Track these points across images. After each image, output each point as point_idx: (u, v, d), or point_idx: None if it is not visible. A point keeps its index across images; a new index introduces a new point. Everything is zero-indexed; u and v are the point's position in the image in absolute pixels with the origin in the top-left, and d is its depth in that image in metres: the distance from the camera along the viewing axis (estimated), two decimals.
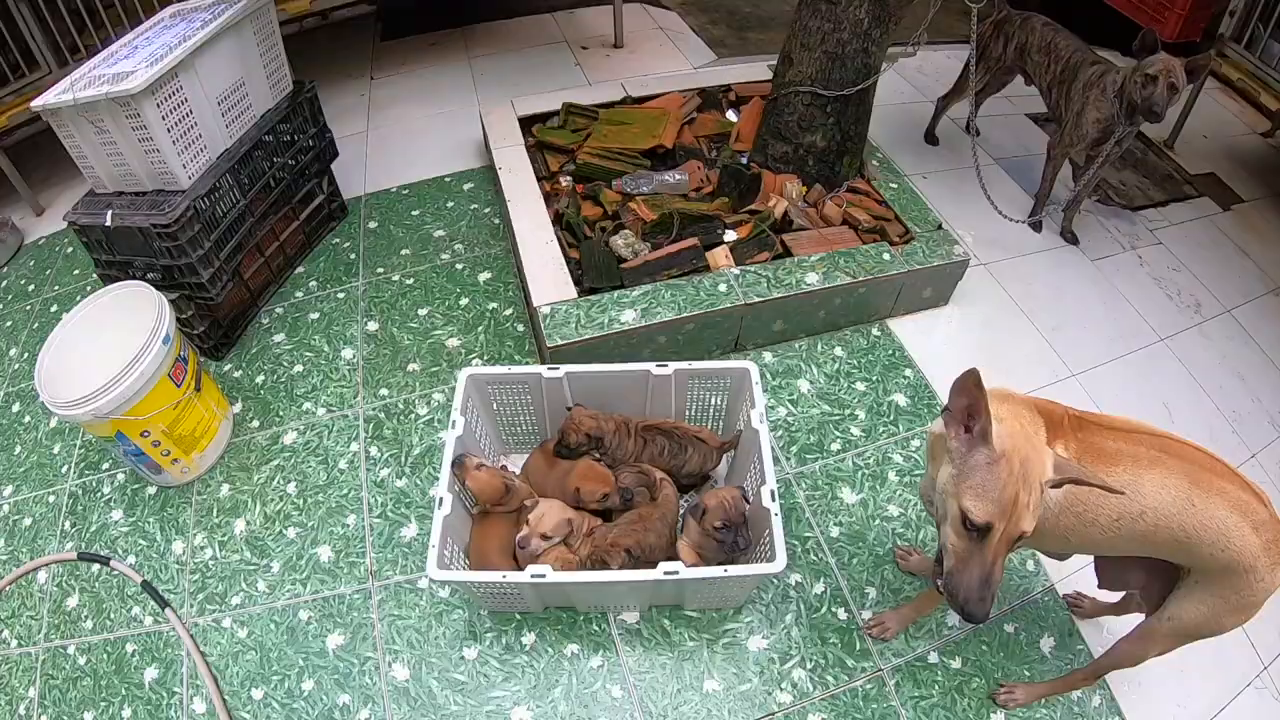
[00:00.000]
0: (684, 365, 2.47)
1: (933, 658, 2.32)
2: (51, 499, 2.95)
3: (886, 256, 3.05)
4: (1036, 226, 3.66)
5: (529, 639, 2.41)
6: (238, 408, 3.07)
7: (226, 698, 2.39)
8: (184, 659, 2.46)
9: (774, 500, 2.15)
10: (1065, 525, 1.56)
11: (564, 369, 2.47)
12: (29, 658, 2.57)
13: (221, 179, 2.98)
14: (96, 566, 2.72)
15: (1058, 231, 3.68)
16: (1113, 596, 2.20)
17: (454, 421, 2.36)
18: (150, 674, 2.46)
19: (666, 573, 2.05)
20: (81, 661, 2.53)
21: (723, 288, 2.97)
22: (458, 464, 2.30)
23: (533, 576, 2.06)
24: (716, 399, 2.63)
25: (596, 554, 2.25)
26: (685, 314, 2.87)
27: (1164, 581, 1.71)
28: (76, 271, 3.86)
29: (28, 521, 2.90)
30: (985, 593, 1.38)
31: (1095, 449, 1.48)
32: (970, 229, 3.62)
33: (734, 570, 2.05)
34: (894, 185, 3.41)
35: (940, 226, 3.14)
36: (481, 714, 2.29)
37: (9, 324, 3.72)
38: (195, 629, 2.53)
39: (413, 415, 2.98)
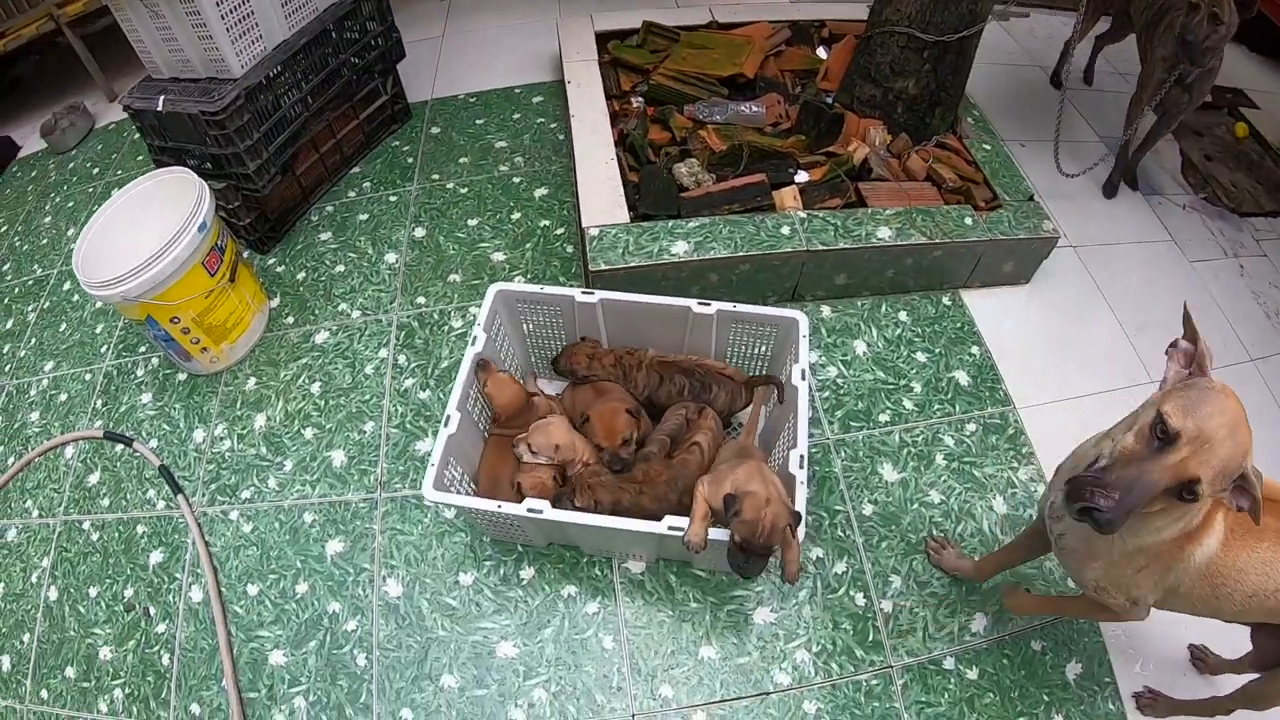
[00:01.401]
0: (727, 306, 2.17)
1: (949, 663, 2.06)
2: (88, 377, 2.90)
3: (968, 221, 2.65)
4: (1109, 189, 3.23)
5: (527, 573, 2.22)
6: (275, 302, 2.94)
7: (223, 589, 2.30)
8: (189, 546, 2.39)
9: (802, 468, 1.86)
10: (1197, 594, 1.43)
11: (599, 294, 2.20)
12: (46, 528, 2.55)
13: (276, 70, 2.79)
14: (120, 446, 2.66)
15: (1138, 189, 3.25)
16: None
17: (475, 336, 2.13)
18: (155, 557, 2.40)
19: (671, 528, 1.80)
20: (95, 537, 2.49)
21: (785, 230, 2.63)
22: (482, 367, 2.12)
23: (529, 511, 1.84)
24: (761, 347, 2.33)
25: (571, 486, 2.03)
26: (741, 253, 2.56)
27: None
28: (140, 157, 3.78)
29: (63, 397, 2.87)
30: (1126, 500, 1.16)
31: (1244, 518, 1.30)
32: (1063, 207, 3.14)
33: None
34: (987, 147, 2.98)
35: (1032, 198, 2.76)
36: (467, 643, 2.12)
37: (71, 204, 3.69)
38: (203, 518, 2.44)
39: (446, 327, 2.79)
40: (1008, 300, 2.84)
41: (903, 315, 2.80)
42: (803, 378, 2.01)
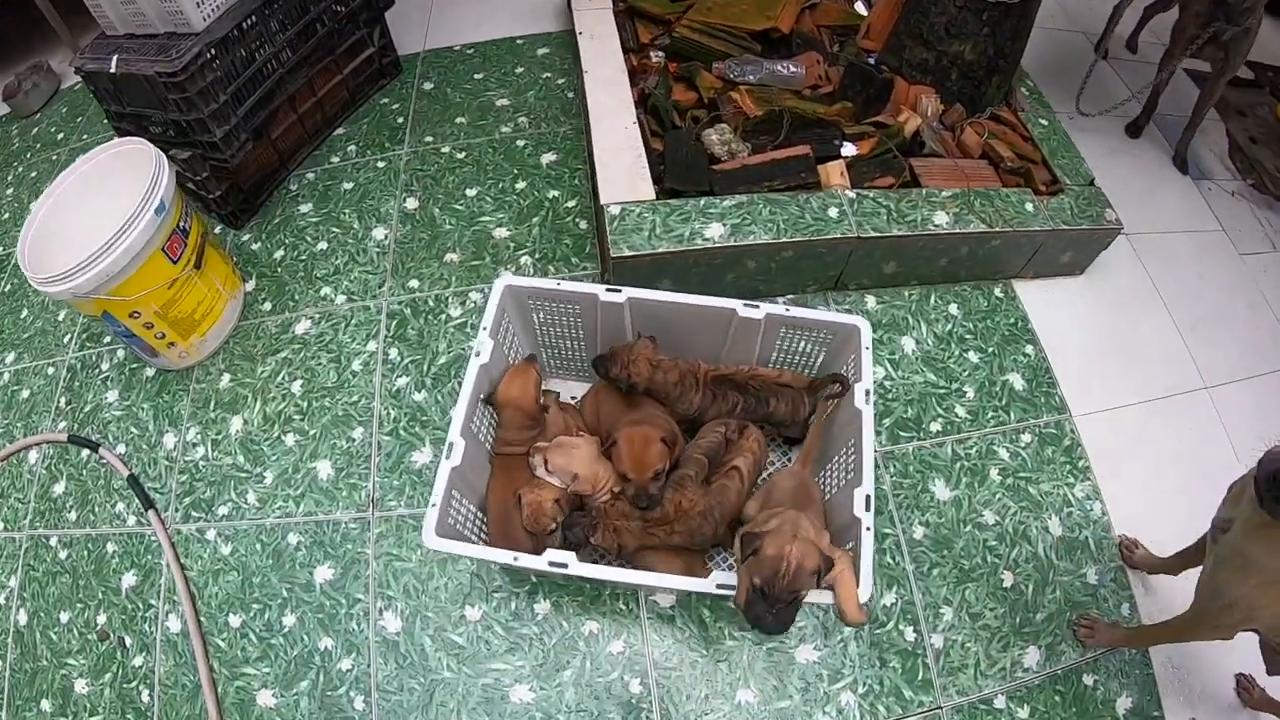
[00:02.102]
0: (778, 309, 1.85)
1: (999, 702, 1.88)
2: (51, 370, 2.55)
3: (1029, 207, 2.37)
4: (1133, 129, 3.05)
5: (543, 607, 1.94)
6: (250, 285, 2.57)
7: (202, 619, 2.02)
8: (163, 569, 2.09)
9: (868, 510, 1.56)
10: None
11: (627, 293, 1.86)
12: (13, 543, 2.25)
13: (245, 22, 2.36)
14: (85, 452, 2.33)
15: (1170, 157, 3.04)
16: None
17: (478, 348, 1.79)
18: (128, 580, 2.11)
19: (720, 586, 1.51)
20: (63, 555, 2.19)
21: (833, 212, 2.28)
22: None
23: (551, 565, 1.55)
24: (808, 347, 2.00)
25: (590, 519, 1.72)
26: (785, 238, 2.21)
27: None
28: (108, 121, 3.31)
29: (25, 394, 2.53)
30: None
31: None
32: (1111, 189, 2.75)
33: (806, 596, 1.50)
34: (1044, 122, 2.67)
35: (1093, 182, 2.48)
36: (476, 686, 1.85)
37: (34, 174, 3.25)
38: (177, 537, 2.14)
39: (443, 315, 2.44)
40: (1062, 293, 2.57)
41: (953, 308, 2.49)
42: (867, 400, 1.70)
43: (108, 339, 2.54)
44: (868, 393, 1.71)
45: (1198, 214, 2.90)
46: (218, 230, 2.72)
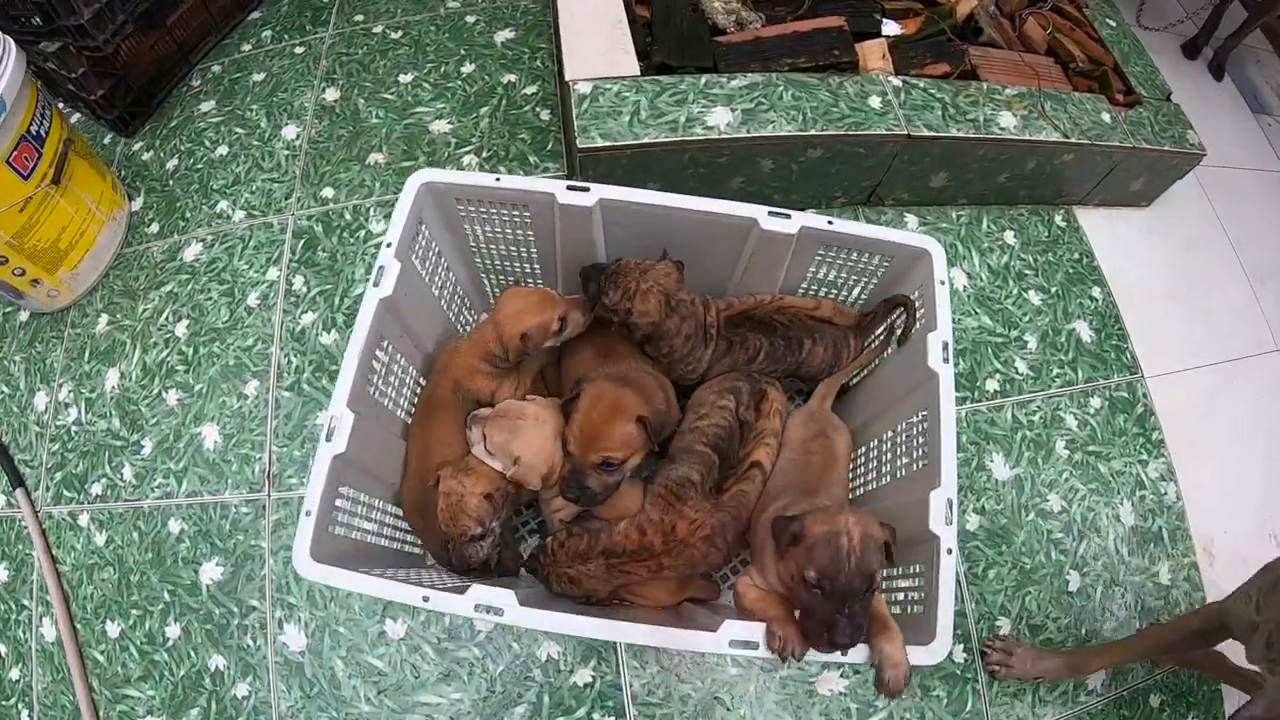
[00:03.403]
0: (818, 221, 1.24)
1: None
2: None
3: (1106, 117, 1.84)
4: (1189, 49, 2.51)
5: (486, 623, 1.43)
6: (137, 204, 1.97)
7: (78, 626, 1.55)
8: (35, 563, 1.60)
9: (950, 520, 1.01)
10: None
11: (598, 192, 1.25)
12: None
13: None
14: None
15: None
16: None
17: (377, 276, 1.21)
18: (0, 574, 1.62)
19: (734, 642, 0.97)
20: None
21: (875, 102, 1.65)
22: None
23: (479, 609, 1.00)
24: (849, 280, 1.40)
25: (545, 557, 1.18)
26: (812, 131, 1.59)
27: None
28: None
29: None
30: None
31: None
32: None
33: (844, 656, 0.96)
34: (1111, 24, 2.12)
35: (1170, 97, 1.97)
36: None
37: None
38: (49, 522, 1.64)
39: (362, 232, 1.84)
40: (1128, 226, 2.08)
41: (1009, 236, 1.92)
42: (945, 357, 1.11)
43: None
44: (945, 347, 1.13)
45: (1261, 152, 2.38)
46: (107, 140, 2.10)
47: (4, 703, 1.53)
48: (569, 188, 1.25)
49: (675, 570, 1.14)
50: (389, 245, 1.24)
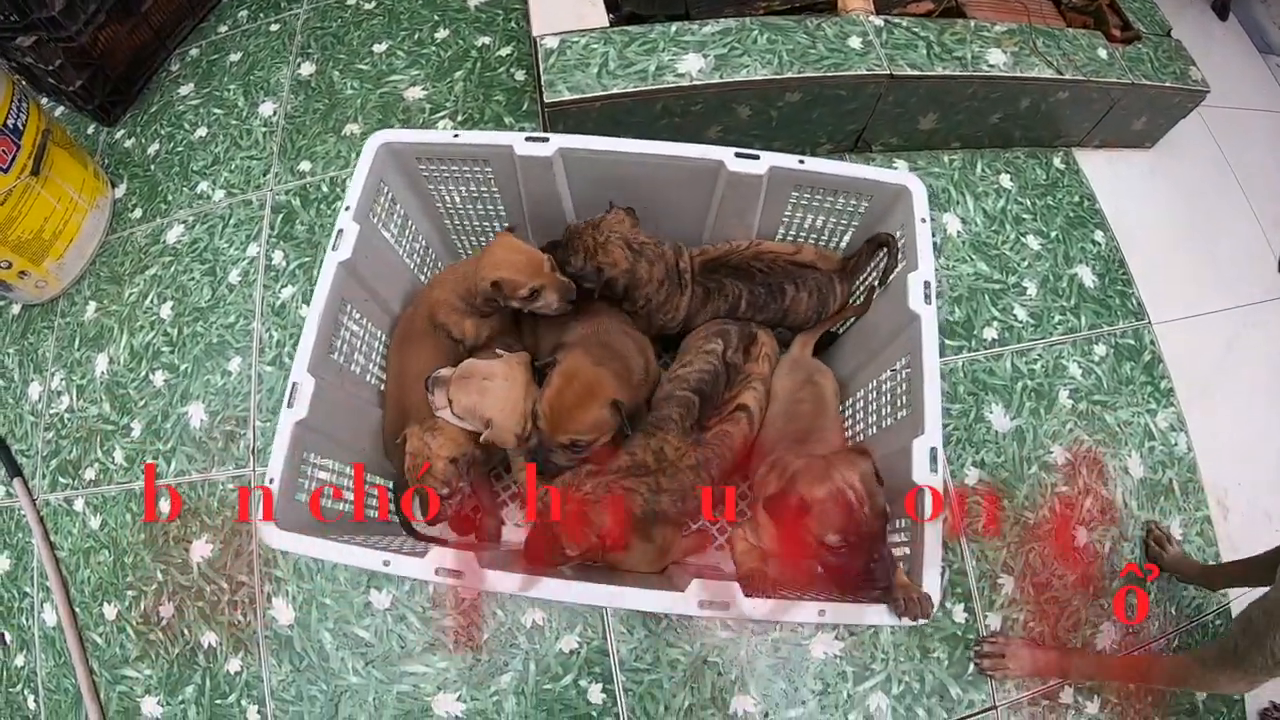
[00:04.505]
0: (788, 161, 1.18)
1: (1066, 695, 1.42)
2: None
3: (1103, 53, 1.76)
4: (1220, 10, 2.36)
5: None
6: (120, 190, 1.97)
7: (77, 610, 1.56)
8: (35, 550, 1.61)
9: (935, 469, 0.95)
10: None
11: (556, 142, 1.21)
12: None
13: None
14: None
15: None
16: None
17: (335, 240, 1.18)
18: (2, 563, 1.65)
19: (701, 603, 0.94)
20: None
21: (855, 43, 1.57)
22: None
23: (437, 573, 0.98)
24: (829, 224, 1.34)
25: (559, 514, 1.10)
26: (790, 74, 1.52)
27: None
28: None
29: None
30: None
31: None
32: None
33: (831, 614, 0.92)
34: None
35: (1170, 33, 1.89)
36: (390, 695, 1.36)
37: None
38: (46, 509, 1.65)
39: (339, 204, 1.79)
40: (1130, 167, 1.97)
41: (1005, 180, 1.82)
42: (927, 298, 1.05)
43: None
44: (927, 286, 1.06)
45: (1269, 92, 2.25)
46: (91, 130, 2.10)
47: (11, 689, 1.55)
48: (527, 139, 1.21)
49: (671, 494, 1.11)
50: (347, 209, 1.22)
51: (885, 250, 1.22)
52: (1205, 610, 1.51)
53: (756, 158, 1.16)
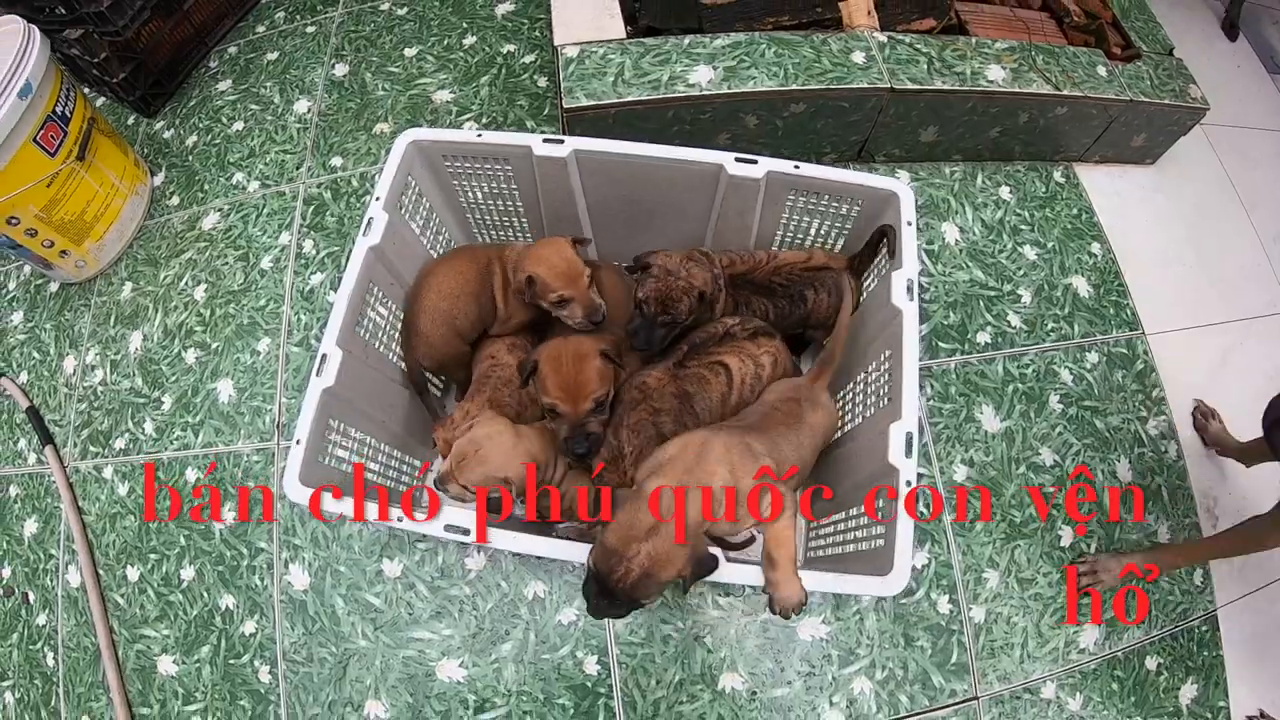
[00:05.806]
0: (784, 166, 1.27)
1: (1048, 690, 1.47)
2: None
3: (1102, 71, 1.82)
4: (1230, 31, 2.40)
5: (476, 562, 1.50)
6: (159, 179, 2.08)
7: (100, 571, 1.64)
8: (62, 514, 1.70)
9: (910, 452, 1.03)
10: None
11: (571, 144, 1.30)
12: None
13: None
14: None
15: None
16: None
17: (365, 226, 1.27)
18: (30, 527, 1.74)
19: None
20: None
21: (859, 57, 1.65)
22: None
23: (448, 529, 1.06)
24: (822, 226, 1.42)
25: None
26: (795, 86, 1.61)
27: None
28: None
29: None
30: None
31: None
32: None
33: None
34: None
35: (1172, 52, 1.94)
36: (396, 659, 1.43)
37: None
38: (75, 476, 1.74)
39: (368, 198, 1.91)
40: (1131, 183, 2.03)
41: (1004, 192, 1.89)
42: (910, 295, 1.13)
43: (12, 255, 2.11)
44: (910, 284, 1.14)
45: (1275, 112, 2.28)
46: (131, 121, 2.22)
47: (31, 646, 1.64)
48: (545, 140, 1.30)
49: (670, 418, 1.20)
50: (378, 199, 1.31)
51: (885, 242, 1.29)
52: (1191, 615, 1.56)
53: (754, 162, 1.25)
